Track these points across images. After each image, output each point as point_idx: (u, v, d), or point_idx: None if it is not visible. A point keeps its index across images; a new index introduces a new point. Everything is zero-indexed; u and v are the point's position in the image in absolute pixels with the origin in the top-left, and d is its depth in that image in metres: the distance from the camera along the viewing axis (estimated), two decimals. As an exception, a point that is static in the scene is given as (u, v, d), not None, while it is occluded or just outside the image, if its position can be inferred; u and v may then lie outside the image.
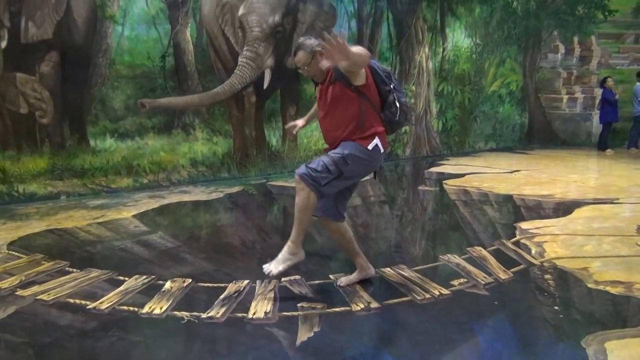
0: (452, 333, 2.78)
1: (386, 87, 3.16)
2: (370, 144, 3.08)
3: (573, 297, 3.29)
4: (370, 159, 3.13)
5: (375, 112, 3.14)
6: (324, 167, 3.00)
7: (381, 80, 3.14)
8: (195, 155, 7.31)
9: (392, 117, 3.17)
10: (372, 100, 3.11)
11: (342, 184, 3.13)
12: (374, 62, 3.18)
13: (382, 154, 3.21)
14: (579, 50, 12.38)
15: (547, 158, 10.20)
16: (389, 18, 9.26)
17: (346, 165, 3.02)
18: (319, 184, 2.98)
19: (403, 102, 3.21)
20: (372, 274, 3.52)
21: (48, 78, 6.08)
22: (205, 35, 7.30)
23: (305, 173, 3.01)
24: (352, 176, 3.14)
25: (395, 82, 3.24)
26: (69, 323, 2.93)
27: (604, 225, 4.96)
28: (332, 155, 3.04)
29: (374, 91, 3.14)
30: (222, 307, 3.11)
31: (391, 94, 3.16)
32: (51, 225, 5.12)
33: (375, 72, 3.12)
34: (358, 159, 3.06)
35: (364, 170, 3.21)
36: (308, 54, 3.12)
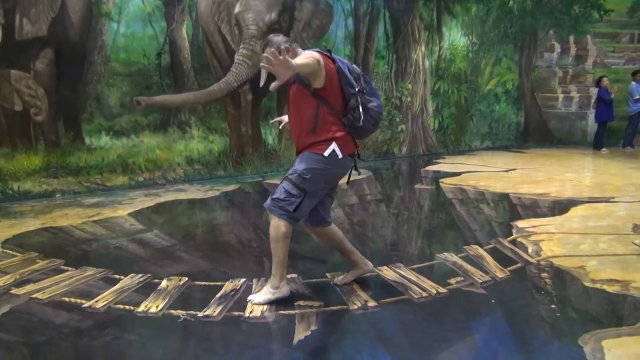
0: (450, 331, 2.77)
1: (351, 90, 2.97)
2: (326, 151, 2.94)
3: (570, 295, 3.29)
4: (329, 167, 2.99)
5: (336, 116, 2.98)
6: (287, 193, 2.93)
7: (347, 83, 2.96)
8: (191, 153, 7.29)
9: (355, 122, 2.98)
10: (331, 104, 2.95)
11: (313, 200, 3.04)
12: (345, 62, 3.04)
13: (344, 160, 3.03)
14: (574, 50, 12.41)
15: (543, 157, 10.22)
16: (385, 16, 9.25)
17: (306, 182, 2.93)
18: (288, 212, 2.92)
19: (372, 107, 3.02)
20: (370, 269, 3.48)
21: (43, 75, 6.04)
22: (201, 33, 7.27)
23: (271, 205, 2.97)
24: (318, 190, 3.03)
25: (366, 85, 3.08)
26: (64, 322, 2.91)
27: (600, 224, 4.97)
28: (290, 177, 2.97)
29: (336, 94, 2.96)
30: (219, 305, 3.10)
31: (354, 97, 2.97)
32: (46, 223, 5.09)
33: (341, 73, 2.95)
34: (315, 170, 2.94)
35: (328, 179, 3.07)
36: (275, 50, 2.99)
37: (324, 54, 2.94)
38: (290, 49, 2.97)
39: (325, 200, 3.22)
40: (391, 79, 9.51)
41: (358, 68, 3.13)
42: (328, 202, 3.28)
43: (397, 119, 9.75)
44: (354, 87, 2.97)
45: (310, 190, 2.95)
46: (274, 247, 3.03)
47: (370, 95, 3.05)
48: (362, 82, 3.04)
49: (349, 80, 2.97)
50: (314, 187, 2.97)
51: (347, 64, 3.04)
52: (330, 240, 3.39)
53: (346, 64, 3.03)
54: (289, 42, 3.01)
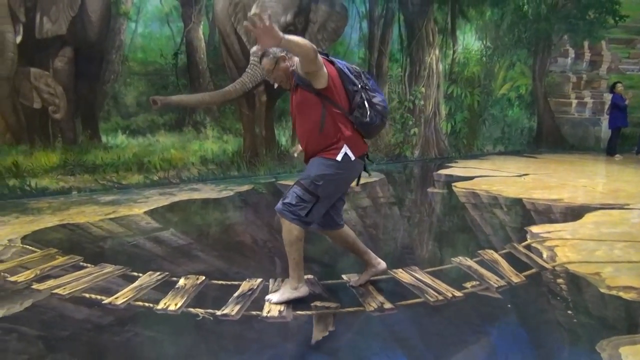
0: (467, 335, 2.79)
1: (354, 88, 2.99)
2: (338, 155, 2.95)
3: (586, 301, 3.29)
4: (342, 171, 3.00)
5: (343, 115, 2.99)
6: (298, 199, 2.94)
7: (349, 81, 2.99)
8: (205, 153, 7.34)
9: (362, 118, 2.98)
10: (337, 104, 2.96)
11: (326, 204, 3.06)
12: (343, 62, 3.05)
13: (356, 162, 3.04)
14: (589, 55, 12.34)
15: (556, 162, 10.18)
16: (400, 19, 9.26)
17: (318, 188, 2.94)
18: (299, 216, 2.94)
19: (377, 102, 3.04)
20: (384, 269, 3.49)
21: (62, 73, 6.12)
22: (217, 34, 7.33)
23: (282, 209, 2.98)
24: (330, 194, 3.05)
25: (368, 81, 3.09)
26: (85, 317, 2.96)
27: (615, 231, 4.96)
28: (302, 182, 2.97)
29: (340, 94, 2.98)
30: (237, 304, 3.14)
31: (358, 94, 2.99)
32: (64, 220, 5.15)
33: (342, 73, 2.98)
34: (328, 176, 2.96)
35: (340, 184, 3.10)
36: (271, 60, 2.98)
37: (324, 58, 2.95)
38: (287, 57, 2.99)
39: (336, 204, 3.24)
40: (405, 82, 9.52)
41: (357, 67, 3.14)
42: (340, 205, 3.30)
43: (409, 122, 9.76)
44: (356, 85, 3.00)
45: (322, 196, 2.97)
46: (289, 250, 3.06)
47: (373, 90, 3.07)
48: (363, 79, 3.06)
49: (350, 78, 2.99)
50: (326, 192, 2.99)
51: (346, 64, 3.06)
52: (344, 242, 3.42)
53: (345, 64, 3.05)
54: (285, 52, 2.97)
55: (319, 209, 3.03)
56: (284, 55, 2.96)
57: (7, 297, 3.23)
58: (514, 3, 11.06)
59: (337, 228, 3.31)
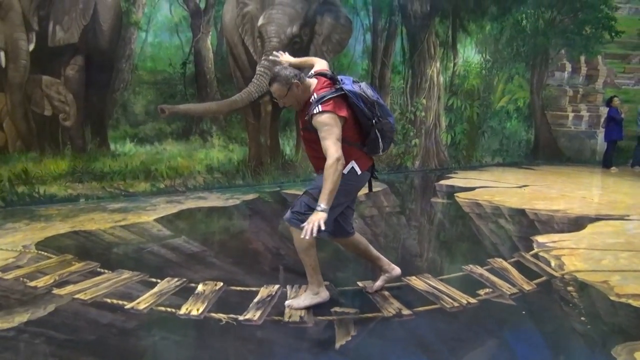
0: (486, 340, 2.87)
1: (369, 122, 3.01)
2: (345, 169, 2.96)
3: (597, 309, 3.37)
4: (350, 182, 3.05)
5: (353, 147, 3.04)
6: (307, 207, 2.99)
7: (363, 115, 3.00)
8: (211, 161, 7.40)
9: (376, 150, 3.12)
10: (348, 140, 2.98)
11: (334, 212, 3.07)
12: (356, 91, 2.98)
13: (362, 175, 3.12)
14: (585, 69, 12.56)
15: (554, 174, 10.32)
16: (402, 32, 9.41)
17: None
18: None
19: (388, 129, 3.08)
20: (398, 274, 3.55)
21: (73, 81, 6.18)
22: (225, 44, 7.42)
23: (292, 218, 3.04)
24: (338, 203, 3.05)
25: (380, 108, 3.06)
26: (110, 322, 3.01)
27: (618, 241, 5.07)
28: (311, 192, 3.02)
29: (353, 129, 3.02)
30: (258, 310, 3.20)
31: (373, 129, 3.02)
32: (75, 227, 5.19)
33: (356, 109, 2.98)
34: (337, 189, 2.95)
35: (348, 194, 3.14)
36: (284, 86, 2.96)
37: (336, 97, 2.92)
38: (300, 84, 2.98)
39: (345, 212, 3.29)
40: (406, 93, 9.65)
41: (369, 91, 3.06)
42: (349, 213, 3.35)
43: (411, 134, 9.88)
44: (370, 119, 3.01)
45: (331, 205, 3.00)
46: (303, 257, 3.13)
47: (385, 117, 3.07)
48: (376, 110, 3.03)
49: (364, 112, 2.99)
50: (335, 201, 2.97)
51: (359, 93, 2.99)
52: (356, 249, 3.49)
53: (358, 94, 2.98)
54: (297, 76, 2.97)
55: (329, 217, 3.05)
56: (297, 82, 2.95)
57: (30, 302, 3.27)
58: (513, 18, 11.26)
59: (348, 236, 3.37)
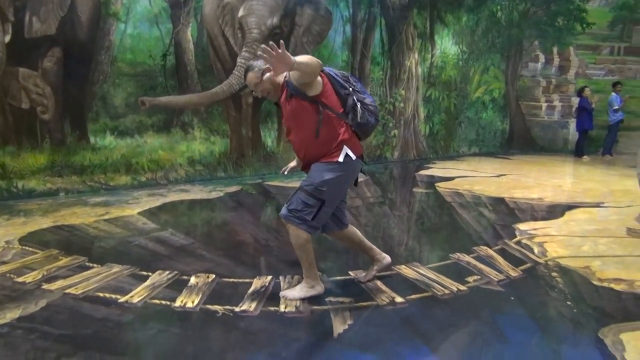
0: (479, 325, 2.94)
1: (345, 91, 3.07)
2: (340, 156, 3.01)
3: (582, 293, 3.49)
4: (345, 172, 3.07)
5: (339, 118, 3.04)
6: (303, 204, 3.00)
7: (340, 85, 3.06)
8: (192, 154, 7.34)
9: (359, 119, 3.07)
10: (332, 108, 3.02)
11: (331, 207, 3.12)
12: (330, 69, 3.12)
13: (356, 162, 3.12)
14: (557, 60, 12.85)
15: (529, 163, 10.54)
16: (381, 24, 9.46)
17: (323, 193, 3.00)
18: (306, 221, 3.00)
19: (368, 102, 3.13)
20: (389, 262, 3.60)
21: (50, 74, 6.05)
22: (205, 36, 7.35)
23: (288, 215, 3.03)
24: (336, 197, 3.11)
25: (356, 83, 3.17)
26: (105, 316, 2.99)
27: (596, 227, 5.23)
28: (306, 188, 3.02)
29: (333, 98, 3.04)
30: (253, 301, 3.22)
31: (350, 97, 3.07)
32: (57, 221, 5.11)
33: (332, 79, 3.05)
34: (332, 180, 3.01)
35: (344, 185, 3.17)
36: (256, 73, 3.04)
37: None
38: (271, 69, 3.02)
39: (339, 205, 3.31)
40: (385, 84, 9.72)
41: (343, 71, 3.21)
42: (342, 205, 3.37)
43: (390, 124, 9.96)
44: (347, 88, 3.08)
45: (327, 200, 3.03)
46: (300, 253, 3.14)
47: (362, 92, 3.15)
48: (351, 81, 3.13)
49: (340, 82, 3.06)
50: (331, 196, 3.04)
51: (332, 69, 3.13)
52: (350, 242, 3.52)
53: (331, 69, 3.12)
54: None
55: (326, 212, 3.09)
56: (268, 67, 2.97)
57: (20, 298, 3.23)
58: (488, 9, 11.42)
59: (343, 228, 3.40)
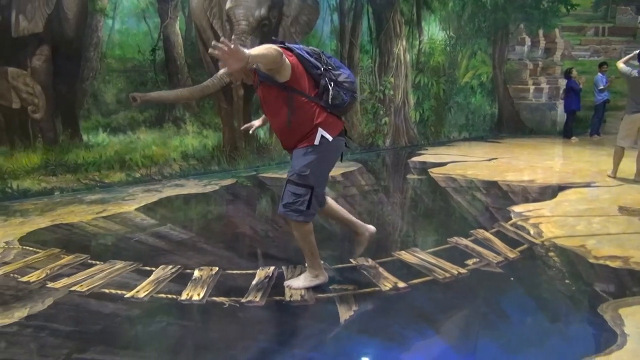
0: (481, 307, 3.02)
1: (317, 71, 2.97)
2: (315, 139, 2.98)
3: (578, 271, 3.58)
4: (322, 152, 3.03)
5: (312, 101, 2.97)
6: (294, 195, 3.00)
7: (311, 65, 2.96)
8: (186, 148, 7.33)
9: (333, 100, 2.97)
10: (304, 92, 2.95)
11: (321, 190, 3.13)
12: (300, 46, 3.03)
13: (335, 141, 3.06)
14: (543, 43, 12.93)
15: (519, 146, 10.65)
16: (368, 12, 9.45)
17: (307, 178, 2.98)
18: (301, 212, 3.00)
19: (343, 80, 3.02)
20: (373, 231, 3.54)
21: (40, 72, 5.99)
22: (194, 29, 7.31)
23: (285, 211, 3.04)
24: (321, 179, 3.11)
25: (330, 59, 3.07)
26: (113, 311, 3.01)
27: (589, 207, 5.34)
28: (291, 179, 3.02)
29: (305, 80, 2.96)
30: (258, 291, 3.26)
31: (323, 77, 2.97)
32: (55, 220, 5.09)
33: (302, 59, 2.94)
34: (312, 163, 2.99)
35: (327, 164, 3.15)
36: None
37: (282, 47, 2.91)
38: None
39: None
40: (375, 72, 9.74)
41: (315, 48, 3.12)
42: None
43: (380, 112, 10.00)
44: (319, 68, 2.97)
45: (315, 183, 3.01)
46: (302, 244, 3.18)
47: (336, 68, 3.05)
48: (324, 59, 3.03)
49: (312, 62, 2.96)
50: (317, 178, 3.03)
51: (304, 48, 3.03)
52: (333, 216, 3.47)
53: (303, 48, 3.02)
54: None
55: (317, 197, 3.09)
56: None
57: (26, 297, 3.23)
58: (474, -6, 11.47)
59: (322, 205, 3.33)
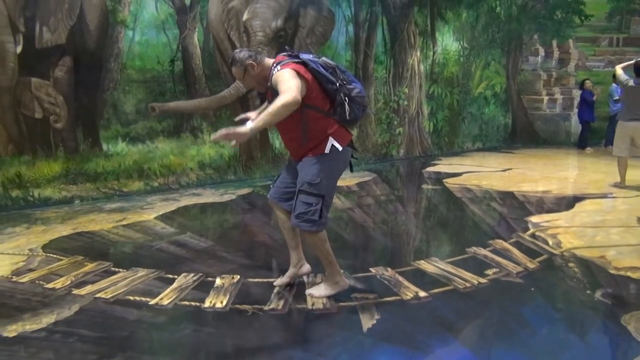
0: (503, 317, 3.03)
1: (333, 87, 2.98)
2: (326, 148, 2.99)
3: (599, 282, 3.57)
4: (332, 161, 3.05)
5: (324, 116, 3.01)
6: (306, 205, 3.00)
7: (327, 81, 2.96)
8: (203, 158, 7.41)
9: (346, 115, 3.00)
10: (317, 107, 2.98)
11: (331, 198, 3.14)
12: (315, 59, 3.00)
13: (344, 150, 3.08)
14: (557, 53, 12.91)
15: (533, 157, 10.61)
16: (383, 23, 9.52)
17: (318, 187, 2.99)
18: (314, 221, 3.01)
19: (356, 94, 3.05)
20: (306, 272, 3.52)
21: (62, 83, 6.11)
22: (211, 40, 7.42)
23: (298, 222, 3.05)
24: (331, 188, 3.12)
25: (344, 74, 3.07)
26: (138, 318, 3.06)
27: (607, 218, 5.32)
28: (302, 189, 3.02)
29: (320, 96, 2.99)
30: (280, 299, 3.29)
31: (338, 93, 2.99)
32: (77, 228, 5.17)
33: (318, 74, 2.95)
34: (322, 172, 3.00)
35: (335, 174, 3.15)
36: (239, 68, 3.04)
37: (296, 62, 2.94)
38: (255, 64, 3.02)
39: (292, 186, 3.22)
40: (389, 83, 9.79)
41: (329, 60, 3.08)
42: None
43: (395, 122, 10.03)
44: (334, 83, 2.98)
45: (325, 192, 3.03)
46: (319, 253, 3.20)
47: (350, 82, 3.06)
48: (339, 73, 3.04)
49: (327, 78, 2.96)
50: (327, 187, 3.05)
51: (319, 61, 3.01)
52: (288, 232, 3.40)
53: (318, 62, 3.00)
54: (252, 57, 3.04)
55: (327, 207, 3.10)
56: (252, 62, 3.01)
57: (53, 303, 3.29)
58: (487, 5, 11.47)
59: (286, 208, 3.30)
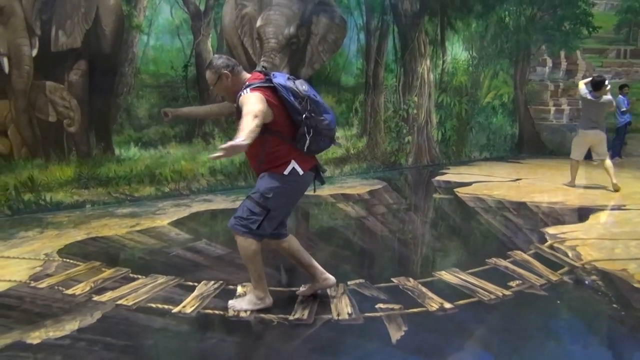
0: (531, 329, 2.99)
1: (298, 117, 2.92)
2: (286, 169, 2.97)
3: (625, 295, 3.53)
4: (291, 183, 3.02)
5: (288, 144, 2.98)
6: (249, 212, 2.98)
7: (293, 110, 2.91)
8: (214, 164, 7.38)
9: (309, 146, 2.97)
10: (281, 133, 2.95)
11: (277, 217, 3.08)
12: (288, 85, 2.93)
13: (305, 175, 3.06)
14: (565, 64, 12.93)
15: (541, 167, 10.59)
16: (394, 31, 9.53)
17: (268, 201, 2.97)
18: (250, 229, 2.97)
19: (324, 126, 2.99)
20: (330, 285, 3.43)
21: (76, 86, 6.09)
22: (225, 46, 7.41)
23: (234, 224, 3.02)
24: (281, 207, 3.07)
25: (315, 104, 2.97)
26: (163, 326, 3.03)
27: (624, 230, 5.29)
28: (252, 196, 3.01)
29: (285, 122, 2.95)
30: (305, 309, 3.26)
31: (302, 124, 2.92)
32: (91, 233, 5.13)
33: (286, 102, 2.89)
34: (277, 189, 2.98)
35: (290, 196, 3.13)
36: (214, 74, 3.01)
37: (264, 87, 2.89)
38: (231, 75, 2.99)
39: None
40: (399, 91, 9.79)
41: (304, 85, 3.00)
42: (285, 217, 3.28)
43: (404, 131, 10.02)
44: (300, 114, 2.91)
45: (272, 208, 2.99)
46: (248, 265, 3.11)
47: (321, 114, 2.99)
48: (308, 104, 2.94)
49: (295, 107, 2.90)
50: (277, 204, 3.01)
51: (291, 87, 2.93)
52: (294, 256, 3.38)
53: (289, 88, 2.92)
54: (229, 68, 3.00)
55: (271, 222, 3.05)
56: (227, 72, 2.97)
57: (74, 310, 3.25)
58: (497, 15, 11.51)
59: (281, 238, 3.30)
